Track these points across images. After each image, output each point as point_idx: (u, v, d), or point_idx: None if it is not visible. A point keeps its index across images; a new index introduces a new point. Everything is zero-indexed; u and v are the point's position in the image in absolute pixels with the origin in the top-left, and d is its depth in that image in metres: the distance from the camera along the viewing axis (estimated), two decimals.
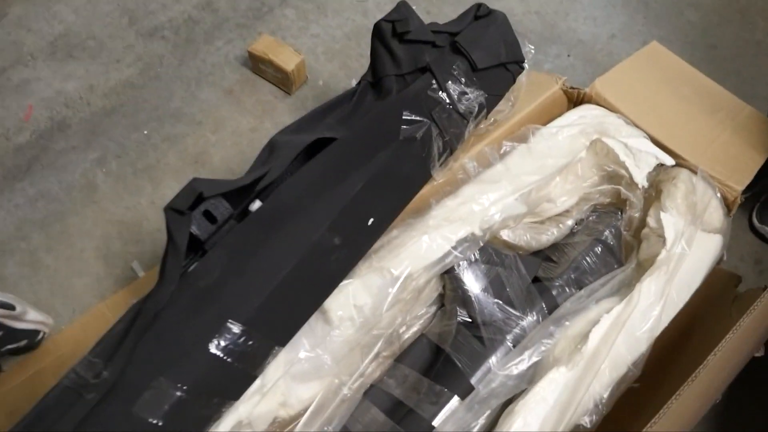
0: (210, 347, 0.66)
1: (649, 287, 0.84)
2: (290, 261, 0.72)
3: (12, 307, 0.97)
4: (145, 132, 1.39)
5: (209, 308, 0.67)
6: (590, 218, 1.07)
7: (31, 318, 1.00)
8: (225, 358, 0.66)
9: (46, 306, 1.12)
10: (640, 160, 0.99)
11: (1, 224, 1.24)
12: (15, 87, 1.46)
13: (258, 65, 1.47)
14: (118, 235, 1.22)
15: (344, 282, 0.80)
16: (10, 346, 0.99)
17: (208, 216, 0.72)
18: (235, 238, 0.72)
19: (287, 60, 1.39)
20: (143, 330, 0.66)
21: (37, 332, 1.02)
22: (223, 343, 0.66)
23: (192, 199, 0.68)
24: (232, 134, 1.40)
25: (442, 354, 0.90)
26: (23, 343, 1.01)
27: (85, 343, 0.70)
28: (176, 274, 0.67)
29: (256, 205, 0.76)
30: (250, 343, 0.68)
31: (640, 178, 0.98)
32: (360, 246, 0.80)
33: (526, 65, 1.04)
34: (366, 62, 0.97)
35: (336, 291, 0.79)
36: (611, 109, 1.07)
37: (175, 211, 0.68)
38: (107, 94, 1.46)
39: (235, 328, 0.67)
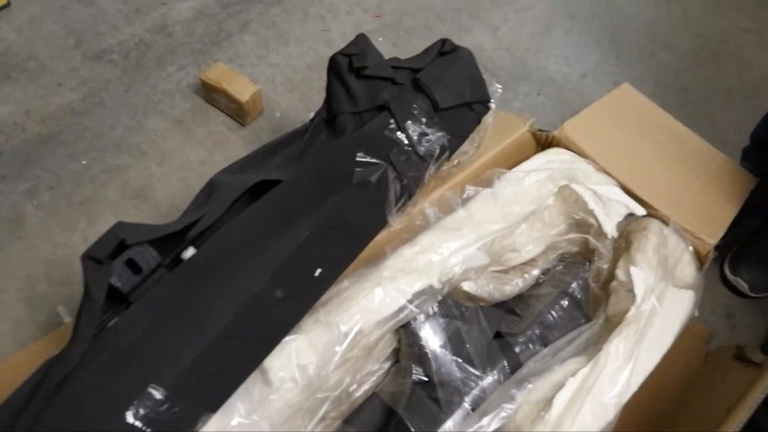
0: (127, 416, 0.60)
1: (617, 348, 0.81)
2: (225, 316, 0.67)
3: None
4: (84, 162, 1.33)
5: (129, 370, 0.62)
6: (557, 268, 1.05)
7: None
8: (145, 428, 0.61)
9: None
10: (610, 208, 0.98)
11: None
12: None
13: (211, 94, 1.43)
14: (45, 275, 1.15)
15: (287, 338, 0.75)
16: None
17: (132, 265, 0.67)
18: (163, 289, 0.67)
19: (242, 90, 1.36)
20: (49, 395, 0.60)
21: None
22: (142, 411, 0.61)
23: (113, 246, 0.63)
24: (180, 167, 1.35)
25: (395, 417, 0.85)
26: None
27: None
28: (90, 332, 0.62)
29: (189, 252, 0.71)
30: (175, 410, 0.63)
31: (610, 228, 0.96)
32: (305, 299, 0.76)
33: (492, 105, 1.02)
34: None
35: (277, 348, 0.74)
36: (580, 153, 1.06)
37: (93, 259, 0.63)
38: (45, 120, 1.40)
39: (158, 394, 0.61)
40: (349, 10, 1.76)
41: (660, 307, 0.87)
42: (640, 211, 1.00)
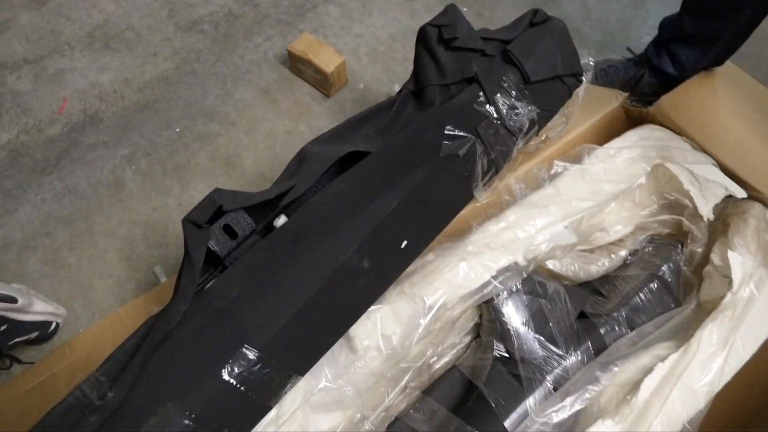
0: (222, 374, 0.63)
1: (710, 335, 0.78)
2: (314, 284, 0.69)
3: (14, 300, 0.98)
4: (177, 130, 1.38)
5: (224, 331, 0.65)
6: (646, 250, 1.01)
7: (39, 309, 1.00)
8: (238, 386, 0.64)
9: (66, 306, 1.12)
10: (707, 190, 0.93)
11: (27, 218, 1.25)
12: (50, 77, 1.48)
13: (297, 65, 1.45)
14: (142, 236, 1.22)
15: (372, 308, 0.76)
16: (18, 339, 1.00)
17: (229, 231, 0.69)
18: (256, 255, 0.69)
19: (327, 61, 1.37)
20: (152, 350, 0.64)
21: (48, 323, 1.02)
22: (237, 370, 0.63)
23: (211, 212, 0.65)
24: (266, 136, 1.38)
25: (475, 390, 0.86)
26: (34, 335, 1.01)
27: (101, 349, 0.69)
28: (190, 292, 0.65)
29: (281, 221, 0.73)
30: (267, 371, 0.65)
31: (706, 210, 0.92)
32: (391, 270, 0.77)
33: (584, 79, 0.98)
34: (411, 66, 0.94)
35: (363, 317, 0.75)
36: (677, 131, 1.01)
37: (193, 223, 0.65)
38: (141, 89, 1.46)
39: (251, 354, 0.64)
40: None
41: (759, 294, 0.83)
42: (741, 193, 0.94)
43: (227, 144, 1.37)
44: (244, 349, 0.64)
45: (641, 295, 0.93)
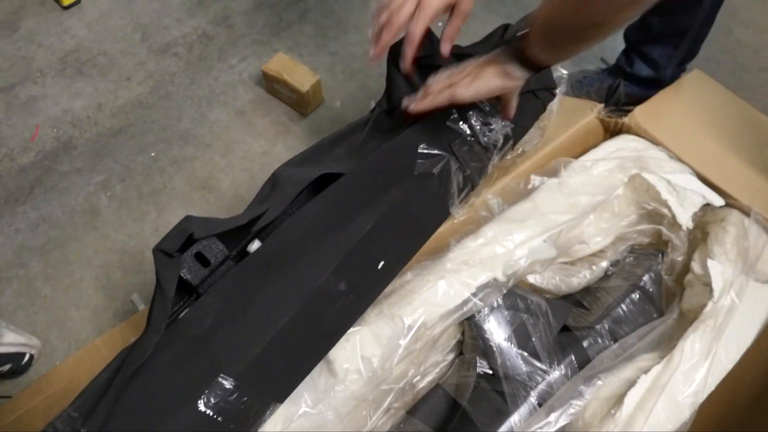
0: (198, 405, 0.62)
1: (693, 345, 0.78)
2: (290, 308, 0.68)
3: None
4: (152, 154, 1.38)
5: (198, 361, 0.64)
6: (627, 260, 1.02)
7: (10, 341, 0.98)
8: (215, 416, 0.63)
9: (42, 338, 1.10)
10: (685, 198, 0.94)
11: (1, 250, 1.23)
12: (22, 105, 1.47)
13: (272, 85, 1.45)
14: (119, 264, 1.20)
15: (351, 330, 0.76)
16: None
17: (201, 258, 0.69)
18: (230, 282, 0.69)
19: (302, 80, 1.37)
20: (126, 383, 0.63)
21: (21, 355, 1.01)
22: (213, 400, 0.62)
23: (182, 241, 0.65)
24: (243, 158, 1.38)
25: (459, 409, 0.85)
26: (6, 367, 0.99)
27: (78, 381, 0.68)
28: (162, 323, 0.64)
29: (255, 245, 0.73)
30: (244, 399, 0.64)
31: (685, 219, 0.92)
32: (369, 291, 0.76)
33: (558, 91, 0.99)
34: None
35: (342, 340, 0.75)
36: (652, 141, 1.02)
37: (163, 253, 0.65)
38: (115, 114, 1.46)
39: (227, 384, 0.63)
40: None
41: (740, 302, 0.83)
42: (718, 201, 0.95)
43: (203, 167, 1.36)
44: (220, 379, 0.63)
45: (623, 306, 0.93)
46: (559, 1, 0.64)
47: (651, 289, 0.96)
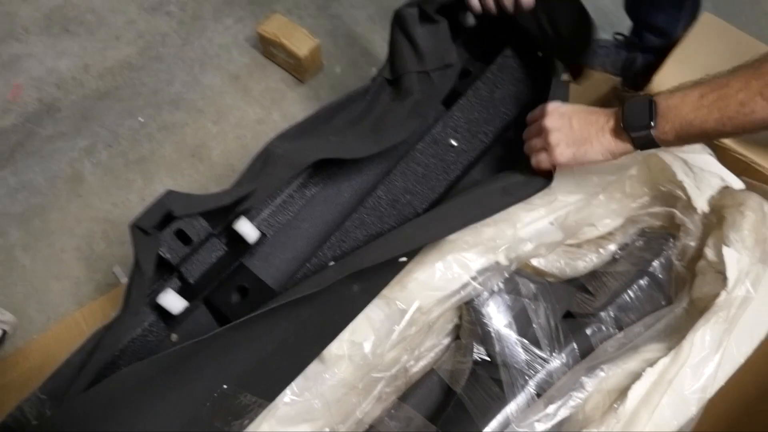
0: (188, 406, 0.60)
1: (703, 337, 0.75)
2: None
3: None
4: (141, 119, 1.34)
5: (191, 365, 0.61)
6: (636, 243, 0.99)
7: None
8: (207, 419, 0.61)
9: (20, 310, 1.09)
10: (702, 180, 0.90)
11: None
12: (4, 63, 1.43)
13: (269, 48, 1.41)
14: (102, 234, 1.18)
15: None
16: None
17: (182, 236, 0.66)
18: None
19: (300, 44, 1.33)
20: (98, 367, 0.61)
21: None
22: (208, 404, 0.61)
23: (160, 217, 0.62)
24: (236, 126, 1.34)
25: (454, 396, 0.83)
26: None
27: (55, 356, 0.67)
28: (140, 304, 0.62)
29: (241, 223, 0.70)
30: (238, 401, 0.63)
31: (700, 202, 0.89)
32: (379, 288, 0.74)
33: None
34: None
35: None
36: None
37: (140, 230, 0.62)
38: (102, 75, 1.42)
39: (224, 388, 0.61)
40: None
41: (755, 292, 0.80)
42: (738, 183, 0.92)
43: (194, 134, 1.33)
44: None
45: (630, 293, 0.91)
46: (714, 111, 0.65)
47: (660, 276, 0.93)
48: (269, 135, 0.79)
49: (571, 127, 0.75)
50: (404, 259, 0.72)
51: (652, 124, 0.68)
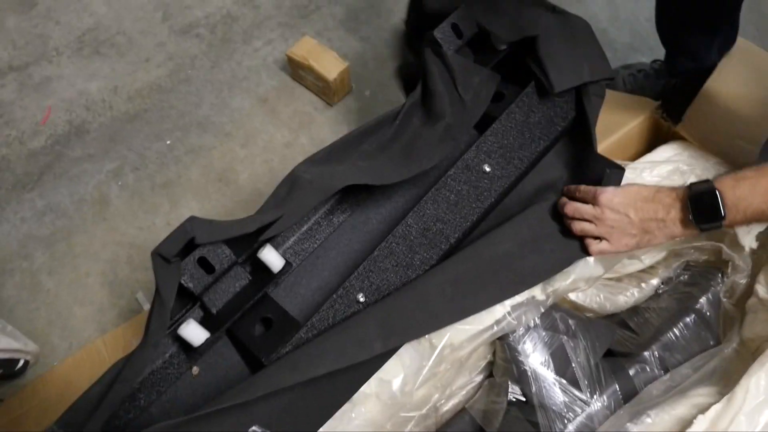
0: None
1: (758, 383, 0.71)
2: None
3: None
4: (168, 142, 1.34)
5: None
6: (681, 278, 0.95)
7: (2, 346, 0.95)
8: None
9: (42, 336, 1.08)
10: None
11: (5, 239, 1.21)
12: (36, 85, 1.44)
13: (297, 71, 1.40)
14: (127, 259, 1.17)
15: None
16: None
17: (204, 264, 0.64)
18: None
19: (329, 67, 1.32)
20: (117, 399, 0.59)
21: (14, 361, 0.98)
22: None
23: (182, 244, 0.60)
24: (264, 149, 1.33)
25: None
26: None
27: (76, 385, 0.66)
28: (160, 335, 0.60)
29: (267, 252, 0.68)
30: None
31: (748, 239, 0.85)
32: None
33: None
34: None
35: None
36: (710, 150, 0.94)
37: (162, 257, 0.60)
38: (132, 97, 1.42)
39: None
40: None
41: None
42: None
43: (222, 157, 1.32)
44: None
45: (676, 331, 0.87)
46: None
47: (708, 313, 0.89)
48: (297, 159, 0.77)
49: (630, 219, 0.74)
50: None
51: (723, 215, 0.69)
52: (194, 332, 0.64)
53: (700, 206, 0.70)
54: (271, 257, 0.69)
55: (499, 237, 0.75)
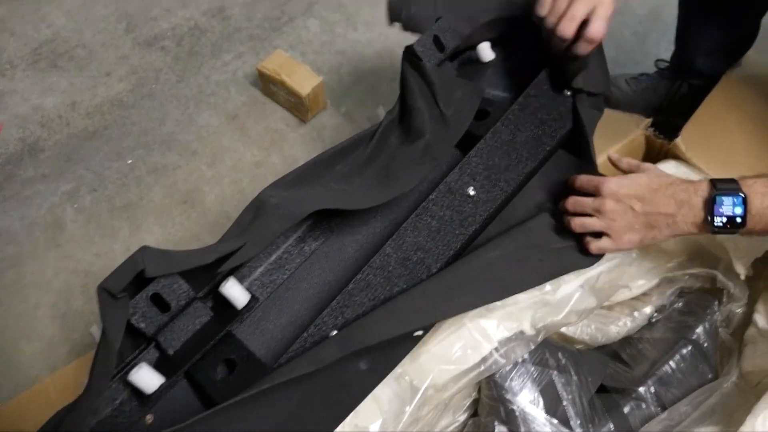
0: None
1: (765, 422, 0.67)
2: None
3: None
4: (129, 161, 1.29)
5: None
6: (676, 306, 0.92)
7: None
8: None
9: None
10: (744, 241, 0.83)
11: None
12: None
13: (269, 86, 1.36)
14: (81, 289, 1.11)
15: None
16: None
17: (158, 301, 0.58)
18: None
19: (302, 82, 1.28)
20: None
21: None
22: None
23: (130, 278, 0.55)
24: (232, 169, 1.28)
25: None
26: None
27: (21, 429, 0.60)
28: (104, 382, 0.55)
29: (230, 285, 0.63)
30: None
31: (743, 267, 0.82)
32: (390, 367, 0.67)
33: None
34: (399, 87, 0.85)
35: None
36: (708, 168, 0.92)
37: (108, 293, 0.55)
38: (90, 114, 1.37)
39: None
40: None
41: None
42: None
43: (187, 177, 1.27)
44: None
45: (672, 364, 0.84)
46: None
47: (705, 344, 0.87)
48: (268, 179, 0.73)
49: (635, 212, 0.70)
50: (420, 332, 0.65)
51: (744, 224, 0.64)
52: (147, 377, 0.59)
53: (721, 209, 0.65)
54: (235, 291, 0.64)
55: (480, 252, 0.72)
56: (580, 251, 0.73)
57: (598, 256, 0.73)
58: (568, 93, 0.84)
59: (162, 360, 0.64)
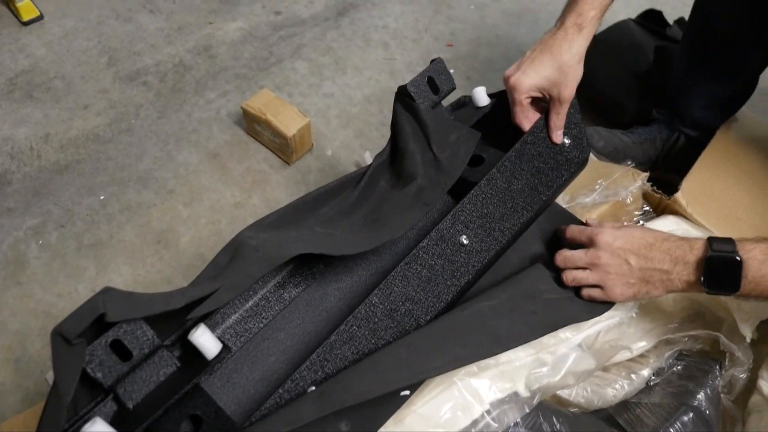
0: None
1: None
2: None
3: None
4: (102, 197, 1.24)
5: None
6: (675, 369, 0.88)
7: None
8: None
9: None
10: (749, 303, 0.81)
11: None
12: None
13: (253, 126, 1.33)
14: (39, 331, 1.05)
15: None
16: None
17: (119, 349, 0.53)
18: None
19: (288, 122, 1.25)
20: None
21: None
22: None
23: (89, 322, 0.50)
24: (210, 209, 1.24)
25: None
26: None
27: None
28: None
29: (200, 333, 0.58)
30: None
31: (748, 330, 0.79)
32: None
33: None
34: (388, 132, 0.83)
35: None
36: (706, 227, 0.90)
37: (63, 338, 0.50)
38: (64, 147, 1.33)
39: None
40: (416, 38, 1.65)
41: None
42: None
43: (162, 217, 1.22)
44: None
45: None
46: None
47: (707, 411, 0.82)
48: (247, 221, 0.69)
49: (630, 266, 0.69)
50: (407, 392, 0.60)
51: (739, 288, 0.64)
52: None
53: (717, 273, 0.64)
54: (205, 340, 0.59)
55: (470, 302, 0.68)
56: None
57: (595, 311, 0.71)
58: (567, 142, 0.83)
59: (120, 414, 0.58)
